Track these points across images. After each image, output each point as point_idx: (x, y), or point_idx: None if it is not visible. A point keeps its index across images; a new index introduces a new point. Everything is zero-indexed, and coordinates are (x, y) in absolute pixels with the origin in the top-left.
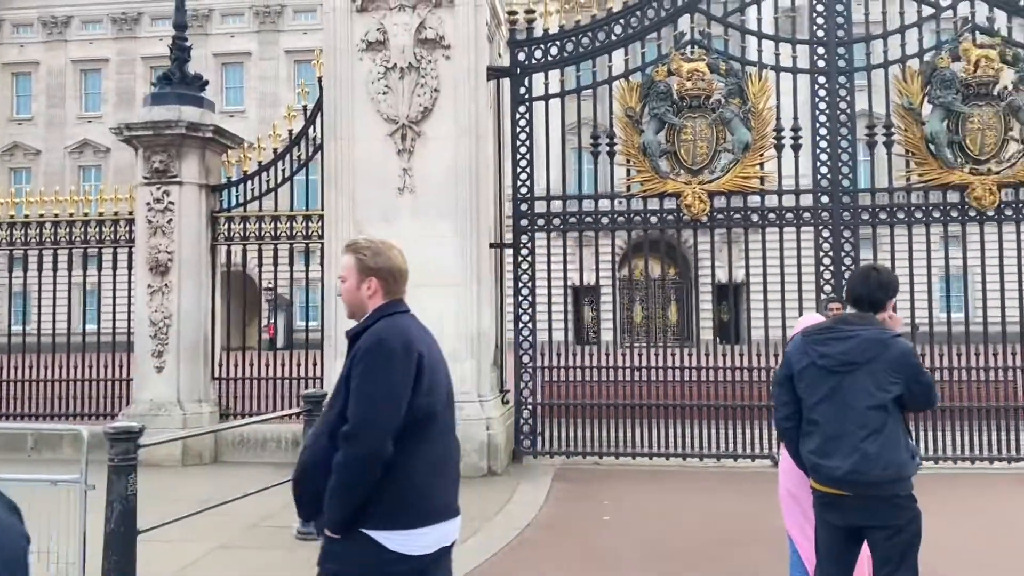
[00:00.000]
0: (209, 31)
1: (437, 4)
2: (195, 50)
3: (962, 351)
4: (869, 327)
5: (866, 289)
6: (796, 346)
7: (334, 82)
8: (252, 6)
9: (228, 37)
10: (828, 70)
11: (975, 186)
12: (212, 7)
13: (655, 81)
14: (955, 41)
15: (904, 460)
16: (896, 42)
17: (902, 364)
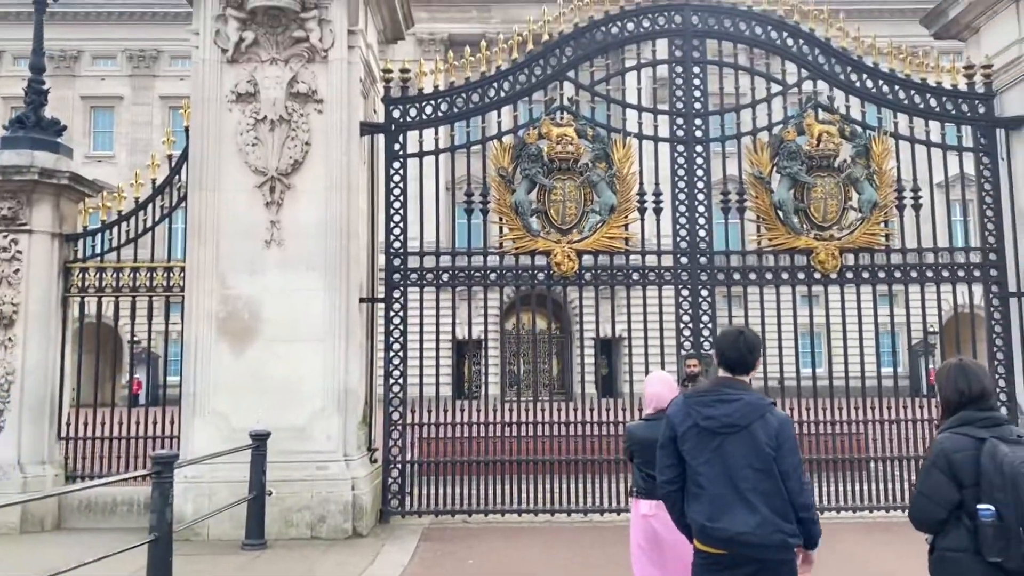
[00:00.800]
0: (78, 73)
1: (310, 59)
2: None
3: (810, 406)
4: (750, 392)
5: (737, 353)
6: (678, 408)
7: (201, 132)
8: (126, 50)
9: (99, 80)
10: (686, 139)
11: (819, 251)
12: (82, 49)
13: (526, 143)
14: (799, 116)
15: (791, 524)
16: (748, 115)
17: (781, 434)
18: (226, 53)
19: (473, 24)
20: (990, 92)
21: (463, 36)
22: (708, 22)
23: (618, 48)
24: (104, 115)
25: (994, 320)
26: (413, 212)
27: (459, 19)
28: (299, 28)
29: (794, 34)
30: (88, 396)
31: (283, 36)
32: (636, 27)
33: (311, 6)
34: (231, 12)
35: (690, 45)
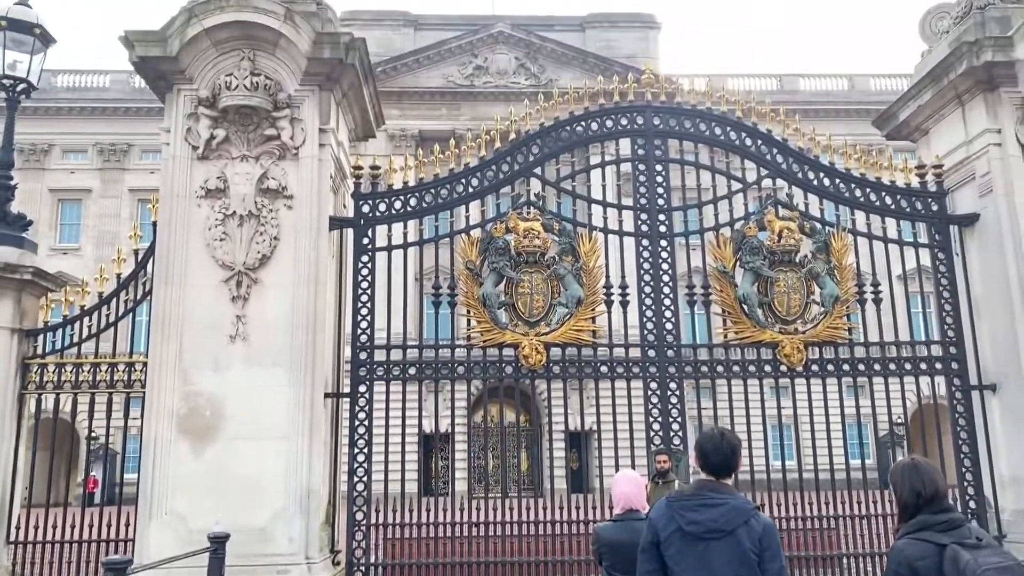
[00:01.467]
0: (47, 166)
1: (281, 156)
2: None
3: (781, 500)
4: (735, 496)
5: (721, 457)
6: (661, 511)
7: (169, 227)
8: (97, 143)
9: (68, 173)
10: (651, 234)
11: (784, 344)
12: (53, 142)
13: (494, 237)
14: (760, 213)
15: None
16: (711, 211)
17: (765, 539)
18: (197, 150)
19: (443, 121)
20: (942, 190)
21: (433, 132)
22: (669, 123)
23: (583, 146)
24: (72, 207)
25: (958, 413)
26: (381, 304)
27: (429, 116)
28: (271, 126)
29: (752, 134)
30: (41, 495)
31: (254, 134)
32: (600, 127)
33: (283, 105)
34: (203, 111)
35: (652, 144)
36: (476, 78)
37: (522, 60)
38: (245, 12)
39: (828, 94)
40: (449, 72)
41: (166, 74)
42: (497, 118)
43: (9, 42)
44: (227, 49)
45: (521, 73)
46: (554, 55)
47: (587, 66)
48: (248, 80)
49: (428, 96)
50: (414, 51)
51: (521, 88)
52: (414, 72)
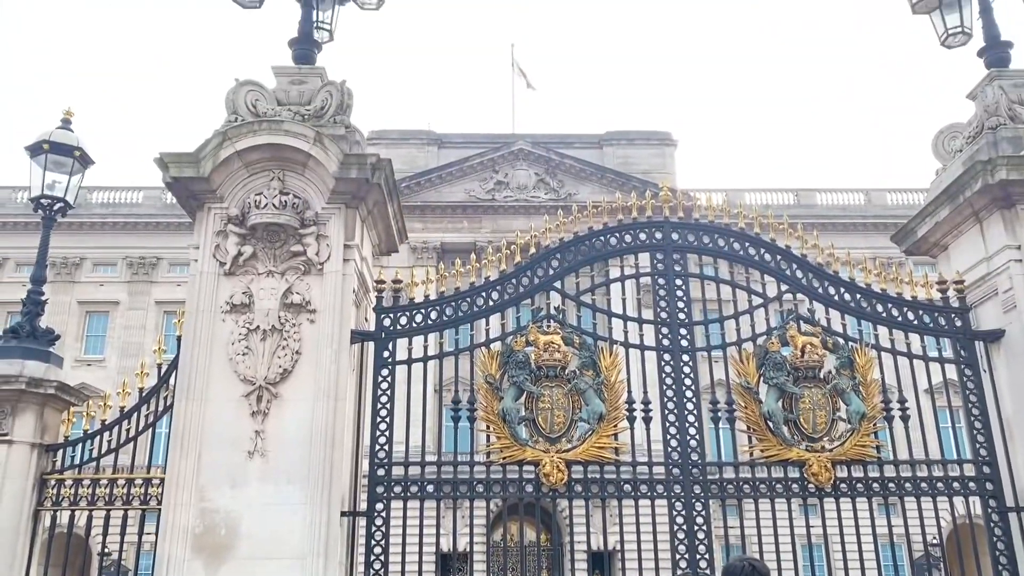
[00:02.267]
0: (77, 279)
1: (306, 271)
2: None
3: None
4: None
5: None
6: None
7: (193, 341)
8: (126, 257)
9: (97, 286)
10: (672, 348)
11: (812, 462)
12: (84, 256)
13: (514, 350)
14: (782, 328)
15: None
16: (732, 325)
17: None
18: (224, 266)
19: (465, 234)
20: (965, 306)
21: (455, 244)
22: (687, 238)
23: (603, 260)
24: (98, 319)
25: (995, 536)
26: (400, 416)
27: (452, 229)
28: (297, 243)
29: (770, 250)
30: None
31: (281, 250)
32: (619, 242)
33: (310, 223)
34: (232, 228)
35: (671, 259)
36: (497, 192)
37: (542, 175)
38: (277, 135)
39: (845, 208)
40: (471, 187)
41: (197, 193)
42: (517, 232)
43: (50, 164)
44: (257, 169)
45: (541, 188)
46: (573, 170)
47: (605, 181)
48: (277, 199)
49: (450, 210)
50: (438, 167)
51: (541, 202)
52: (437, 187)
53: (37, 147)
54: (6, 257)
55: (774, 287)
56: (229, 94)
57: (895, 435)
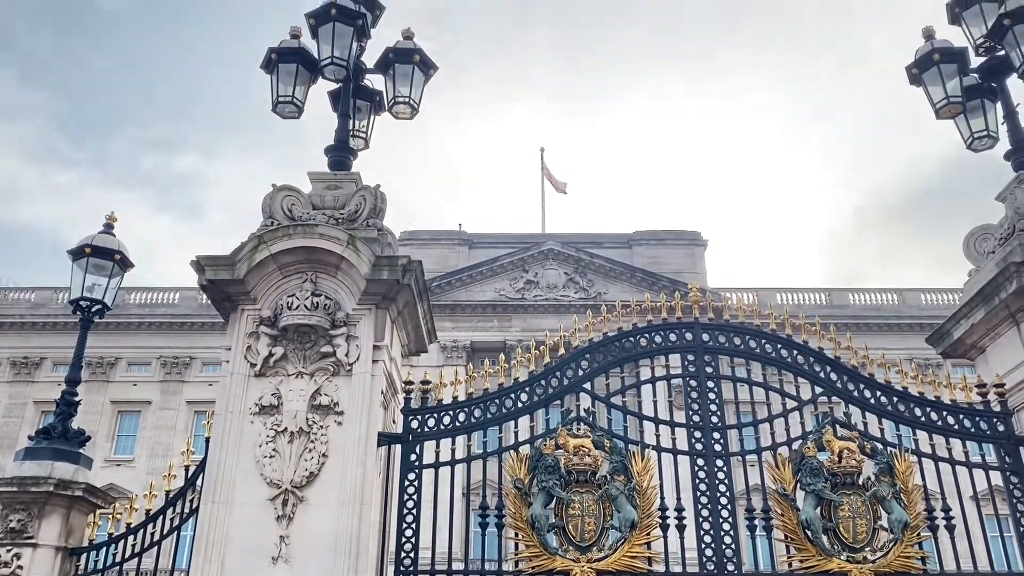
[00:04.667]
0: (112, 378)
1: (335, 372)
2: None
3: None
4: None
5: None
6: None
7: (221, 444)
8: (160, 356)
9: (130, 385)
10: (705, 453)
11: (853, 574)
12: (120, 356)
13: (543, 454)
14: (818, 432)
15: None
16: (766, 429)
17: None
18: (254, 367)
19: (494, 332)
20: (1007, 410)
21: (485, 344)
22: (718, 339)
23: (633, 361)
24: (130, 419)
25: None
26: (426, 520)
27: (481, 328)
28: (327, 343)
29: (803, 352)
30: None
31: (311, 351)
32: (649, 342)
33: (340, 324)
34: (264, 329)
35: (702, 361)
36: (527, 292)
37: (571, 275)
38: (311, 239)
39: (879, 308)
40: (501, 286)
41: (232, 295)
42: (547, 332)
43: (91, 267)
44: (291, 272)
45: (570, 287)
46: (602, 270)
47: (635, 280)
48: (309, 300)
49: (480, 309)
50: (468, 267)
51: (571, 301)
52: (467, 287)
53: (79, 251)
54: (44, 356)
55: (808, 390)
56: (266, 199)
57: (941, 545)
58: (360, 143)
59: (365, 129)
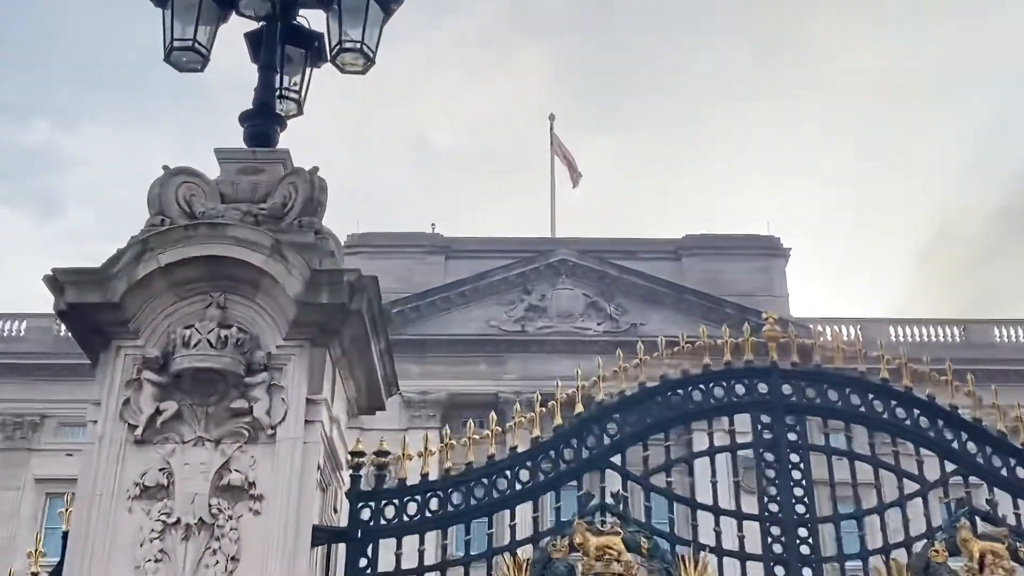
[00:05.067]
0: None
1: (251, 438)
2: None
3: None
4: None
5: None
6: None
7: (85, 540)
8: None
9: None
10: (787, 558)
11: None
12: None
13: (552, 559)
14: (951, 528)
15: None
16: (875, 523)
17: None
18: (135, 430)
19: (482, 381)
20: None
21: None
22: (804, 392)
23: (683, 424)
24: None
25: None
26: None
27: (463, 375)
28: (240, 396)
29: (928, 412)
30: None
31: (217, 407)
32: (705, 397)
33: (259, 367)
34: (149, 376)
35: (782, 423)
36: (529, 321)
37: (593, 298)
38: (218, 244)
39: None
40: (492, 313)
41: (103, 326)
42: (558, 381)
43: None
44: (189, 293)
45: (592, 315)
46: (637, 291)
47: (684, 306)
48: (215, 334)
49: (462, 347)
50: (445, 286)
51: (592, 335)
52: (444, 314)
53: None
54: None
55: (935, 466)
56: (154, 188)
57: None
58: (291, 107)
59: (299, 88)
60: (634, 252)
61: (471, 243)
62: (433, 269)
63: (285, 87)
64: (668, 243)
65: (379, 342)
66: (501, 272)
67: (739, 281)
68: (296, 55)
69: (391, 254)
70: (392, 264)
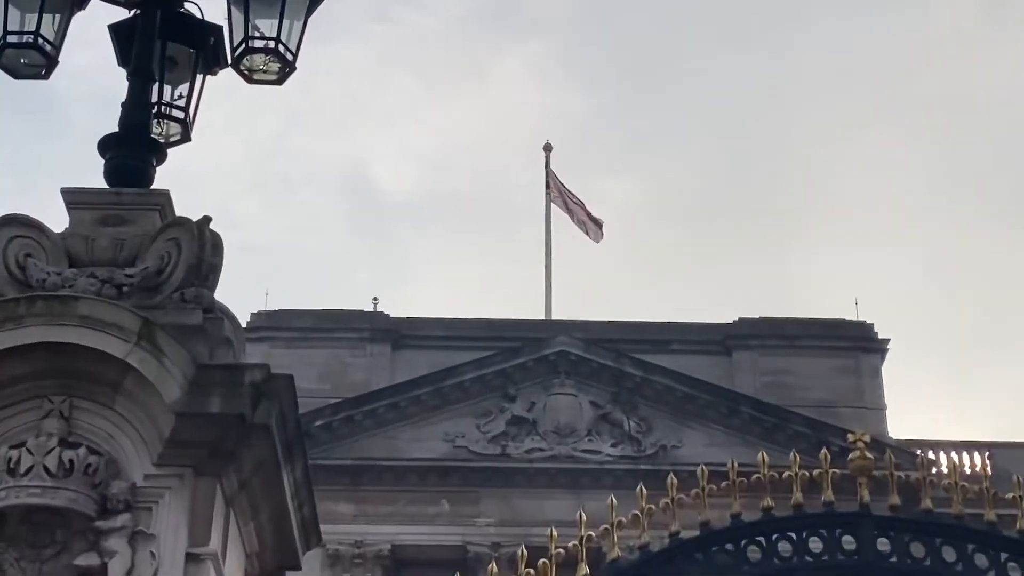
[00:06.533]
0: None
1: None
2: None
3: None
4: None
5: None
6: None
7: None
8: None
9: None
10: None
11: None
12: None
13: None
14: None
15: None
16: None
17: None
18: None
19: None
20: None
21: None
22: (910, 550)
23: None
24: None
25: None
26: None
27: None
28: (90, 548)
29: None
30: None
31: (54, 564)
32: (767, 556)
33: (119, 506)
34: None
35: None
36: (512, 442)
37: (604, 408)
38: (62, 326)
39: None
40: (459, 429)
41: None
42: (552, 529)
43: None
44: (18, 396)
45: (603, 433)
46: (668, 399)
47: (734, 421)
48: (54, 457)
49: (415, 476)
50: (391, 388)
51: (602, 463)
52: (391, 429)
53: None
54: None
55: None
56: None
57: None
58: (175, 130)
59: (186, 103)
60: (664, 343)
61: (429, 326)
62: (375, 363)
63: (166, 102)
64: (713, 330)
65: (294, 470)
66: (473, 369)
67: (814, 386)
68: (183, 56)
69: (315, 341)
70: (316, 356)
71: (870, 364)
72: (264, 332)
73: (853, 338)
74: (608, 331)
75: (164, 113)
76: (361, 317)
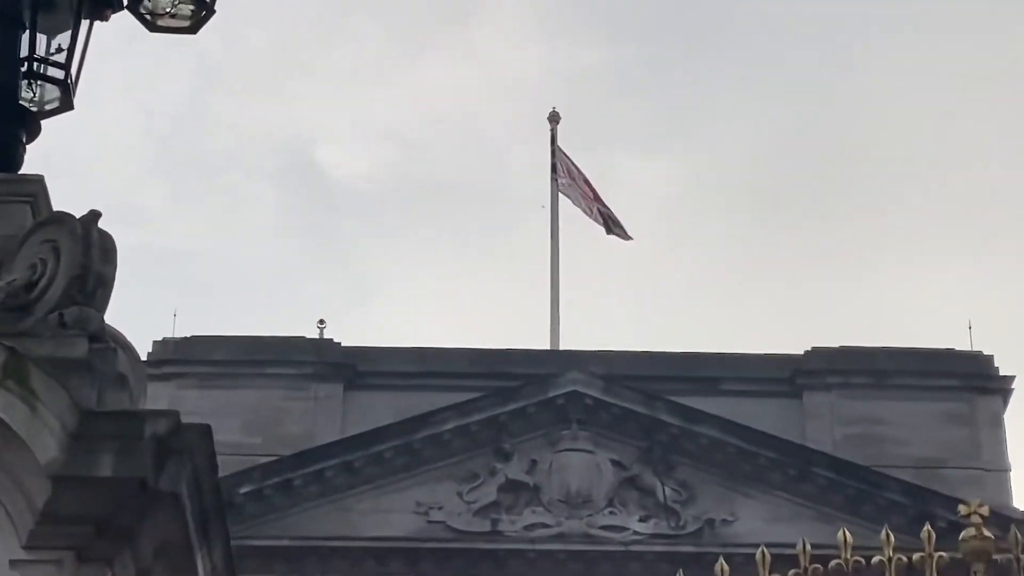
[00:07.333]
0: None
1: None
2: None
3: None
4: None
5: None
6: None
7: None
8: None
9: None
10: None
11: None
12: None
13: None
14: None
15: None
16: None
17: None
18: None
19: None
20: None
21: None
22: None
23: None
24: None
25: None
26: None
27: None
28: None
29: None
30: None
31: None
32: None
33: None
34: None
35: None
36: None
37: (631, 469)
38: None
39: None
40: (436, 498)
41: None
42: None
43: None
44: None
45: (629, 503)
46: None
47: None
48: None
49: (372, 561)
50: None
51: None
52: (343, 498)
53: None
54: None
55: None
56: None
57: None
58: (53, 95)
59: (66, 58)
60: (712, 382)
61: (395, 359)
62: (322, 409)
63: (40, 56)
64: (777, 365)
65: (211, 554)
66: (454, 417)
67: (914, 439)
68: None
69: (240, 379)
70: (242, 399)
71: (989, 409)
72: (172, 367)
73: (965, 375)
74: (635, 365)
75: (37, 72)
76: (303, 347)
